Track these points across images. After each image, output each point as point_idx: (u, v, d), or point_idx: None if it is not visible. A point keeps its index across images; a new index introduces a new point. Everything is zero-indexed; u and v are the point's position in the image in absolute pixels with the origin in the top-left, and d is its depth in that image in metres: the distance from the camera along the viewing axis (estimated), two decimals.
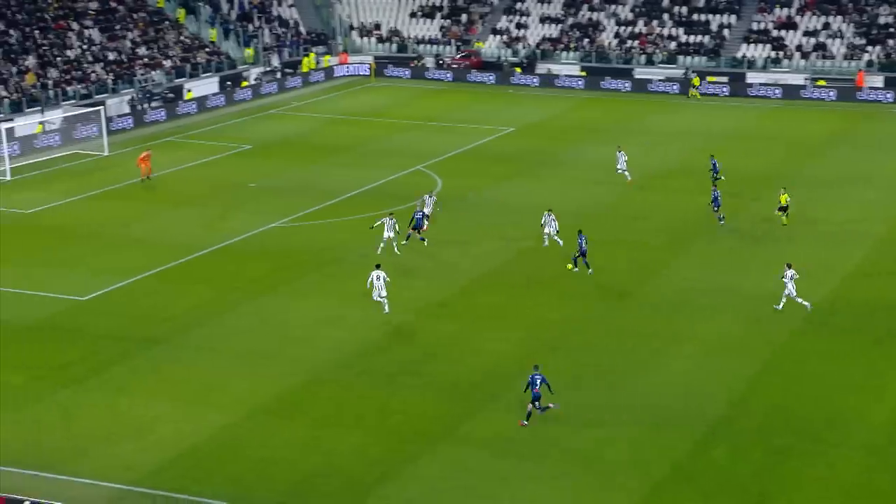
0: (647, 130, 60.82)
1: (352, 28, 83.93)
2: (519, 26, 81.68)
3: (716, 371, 29.63)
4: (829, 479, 24.21)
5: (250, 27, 78.40)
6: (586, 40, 78.59)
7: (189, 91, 67.34)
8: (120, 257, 38.72)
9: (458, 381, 28.81)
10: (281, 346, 31.12)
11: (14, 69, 60.54)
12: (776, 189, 43.32)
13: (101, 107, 57.88)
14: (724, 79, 72.60)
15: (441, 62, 79.07)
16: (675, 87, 71.88)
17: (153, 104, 62.85)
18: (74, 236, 41.21)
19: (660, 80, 72.76)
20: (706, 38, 77.00)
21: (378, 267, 33.30)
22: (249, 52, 75.26)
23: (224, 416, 26.82)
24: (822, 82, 70.37)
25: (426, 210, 40.65)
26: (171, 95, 66.09)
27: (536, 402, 26.13)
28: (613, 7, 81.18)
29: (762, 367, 29.91)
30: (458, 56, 79.58)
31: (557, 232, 38.88)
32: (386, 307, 32.85)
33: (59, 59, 63.43)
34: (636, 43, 77.54)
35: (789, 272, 33.02)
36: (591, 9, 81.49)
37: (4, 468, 24.29)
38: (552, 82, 74.33)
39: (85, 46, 65.96)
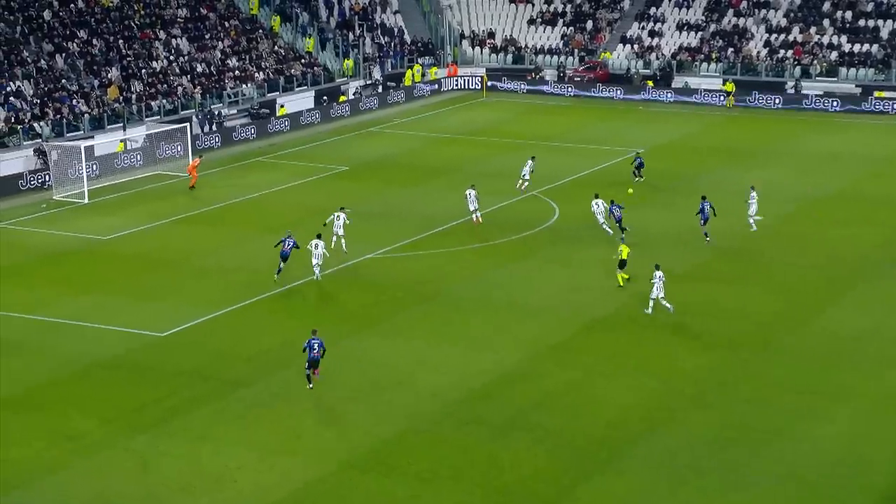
0: (800, 152, 59.57)
1: (462, 37, 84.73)
2: (652, 34, 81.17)
3: (882, 434, 28.53)
4: None
5: (350, 36, 79.85)
6: (730, 50, 77.57)
7: (282, 106, 68.86)
8: (203, 288, 39.59)
9: (576, 436, 28.43)
10: (375, 391, 31.24)
11: (96, 82, 62.83)
12: None
13: (186, 124, 59.58)
14: None
15: (562, 75, 79.09)
16: (835, 103, 70.22)
17: (214, 129, 63.69)
18: (155, 265, 42.33)
19: (817, 96, 71.22)
20: (874, 48, 75.11)
21: (319, 237, 39.27)
22: (349, 63, 76.64)
23: (311, 468, 26.99)
24: None
25: (471, 206, 45.05)
26: (265, 111, 67.64)
27: (315, 368, 30.43)
28: (764, 12, 79.99)
29: None
30: (582, 68, 79.51)
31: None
32: (317, 275, 39.15)
33: (143, 71, 65.61)
34: (790, 53, 76.15)
35: (658, 273, 35.35)
36: (738, 14, 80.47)
37: None
38: (689, 97, 73.60)
39: (172, 57, 68.10)
